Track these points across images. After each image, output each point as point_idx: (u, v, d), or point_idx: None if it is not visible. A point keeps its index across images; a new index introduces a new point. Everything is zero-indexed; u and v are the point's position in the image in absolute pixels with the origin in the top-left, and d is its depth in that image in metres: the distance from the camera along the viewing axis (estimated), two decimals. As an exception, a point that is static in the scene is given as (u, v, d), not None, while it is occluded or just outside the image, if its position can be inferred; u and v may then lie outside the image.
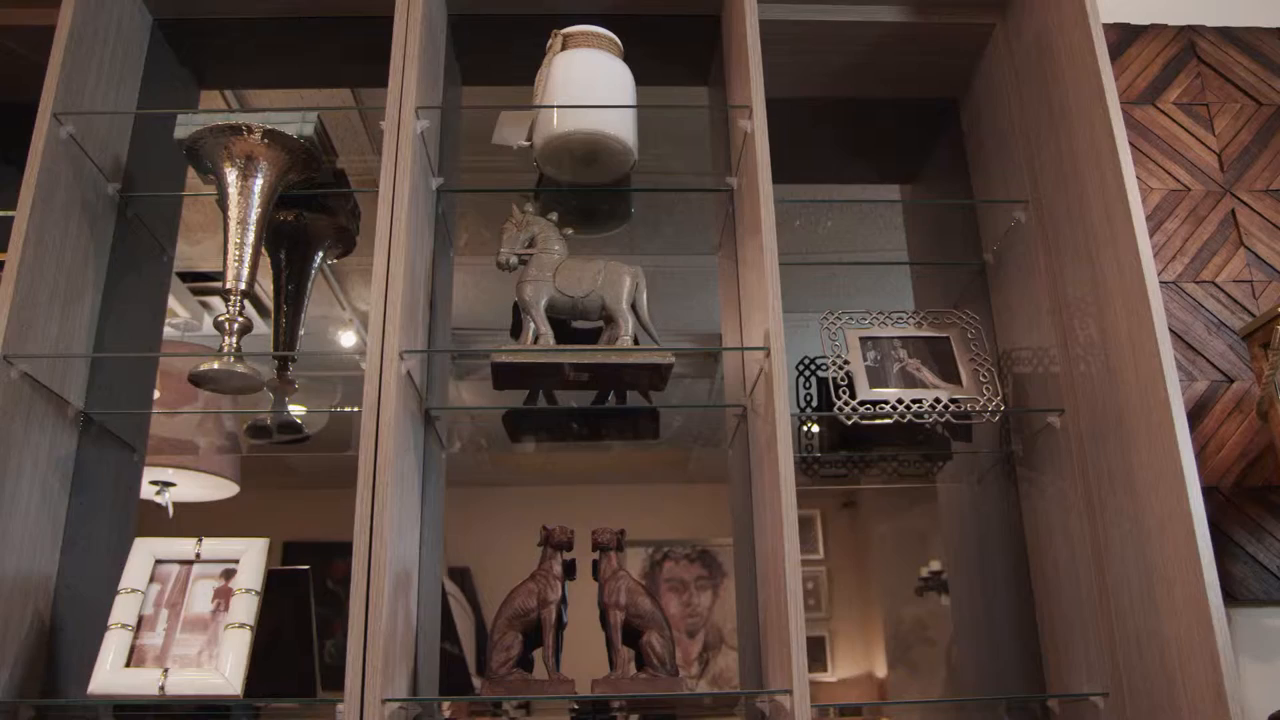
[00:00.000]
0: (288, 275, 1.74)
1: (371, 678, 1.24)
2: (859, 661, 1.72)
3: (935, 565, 1.81)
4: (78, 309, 1.60)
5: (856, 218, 2.02)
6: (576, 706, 1.46)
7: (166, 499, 1.70)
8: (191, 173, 1.87)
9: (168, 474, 1.73)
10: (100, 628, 1.54)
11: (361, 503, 1.31)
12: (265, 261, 1.71)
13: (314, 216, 1.74)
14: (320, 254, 1.76)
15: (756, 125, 1.52)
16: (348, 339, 1.91)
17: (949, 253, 1.96)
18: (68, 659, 1.52)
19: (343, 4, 1.87)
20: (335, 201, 1.78)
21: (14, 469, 1.43)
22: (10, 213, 1.91)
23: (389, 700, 1.25)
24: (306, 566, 1.60)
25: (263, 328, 1.77)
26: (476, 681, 1.54)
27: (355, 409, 1.63)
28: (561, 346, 1.51)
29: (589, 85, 1.61)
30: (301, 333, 1.74)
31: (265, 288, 1.81)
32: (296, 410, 1.71)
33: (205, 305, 1.89)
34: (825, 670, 1.71)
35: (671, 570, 1.68)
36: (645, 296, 1.56)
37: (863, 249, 2.01)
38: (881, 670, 1.72)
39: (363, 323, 1.88)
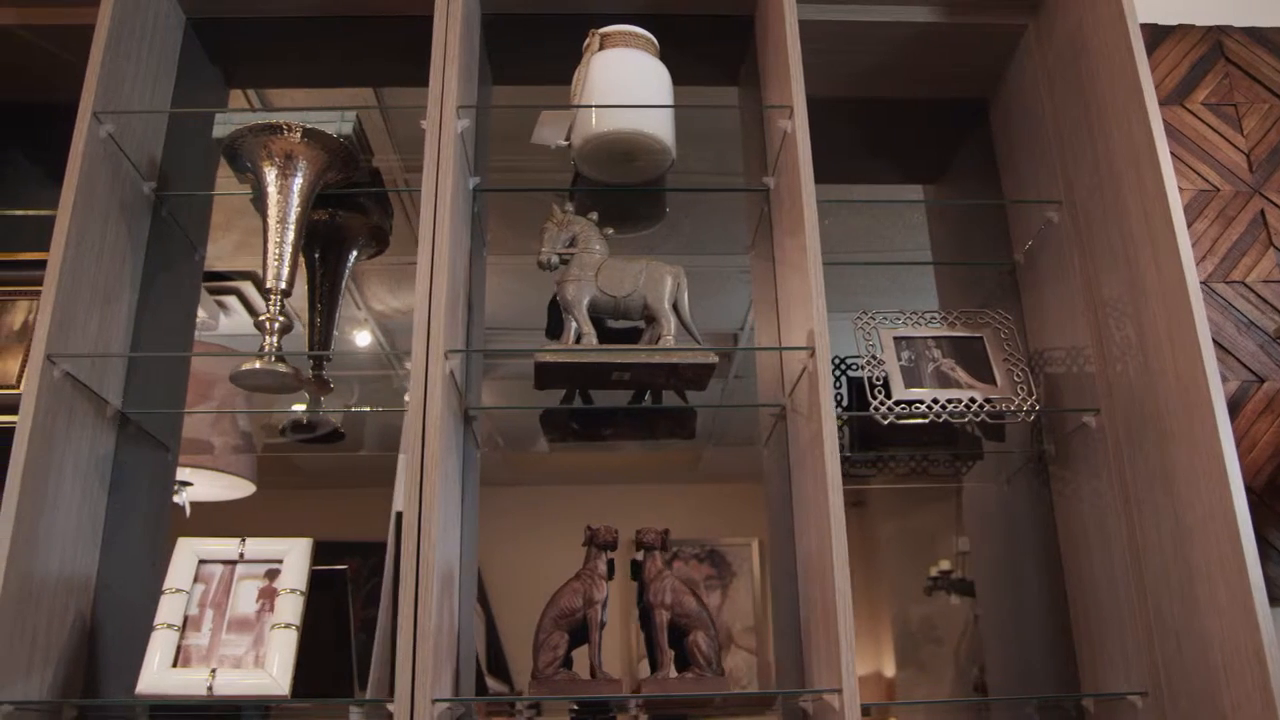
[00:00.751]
0: (322, 275, 1.73)
1: (421, 678, 1.24)
2: (868, 660, 1.73)
3: (945, 565, 1.81)
4: (115, 308, 1.60)
5: (876, 217, 2.02)
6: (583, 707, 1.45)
7: (184, 499, 1.70)
8: (220, 171, 1.87)
9: (184, 473, 1.73)
10: (137, 627, 1.55)
11: (410, 503, 1.31)
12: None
13: (348, 216, 1.74)
14: (354, 253, 1.76)
15: (798, 125, 1.52)
16: (363, 339, 1.91)
17: (975, 253, 1.96)
18: (105, 658, 1.52)
19: (374, 3, 1.86)
20: (368, 201, 1.78)
21: (56, 468, 1.42)
22: (44, 211, 1.92)
23: (439, 700, 1.25)
24: (344, 566, 1.59)
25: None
26: (490, 681, 1.54)
27: (399, 409, 1.64)
28: (606, 346, 1.51)
29: (628, 85, 1.61)
30: (335, 333, 1.74)
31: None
32: (332, 410, 1.71)
33: (221, 305, 1.89)
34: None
35: (681, 570, 1.68)
36: (686, 296, 1.56)
37: (884, 249, 2.01)
38: (890, 669, 1.72)
39: (378, 323, 1.88)
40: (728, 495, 1.72)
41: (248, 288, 1.87)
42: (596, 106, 1.58)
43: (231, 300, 1.86)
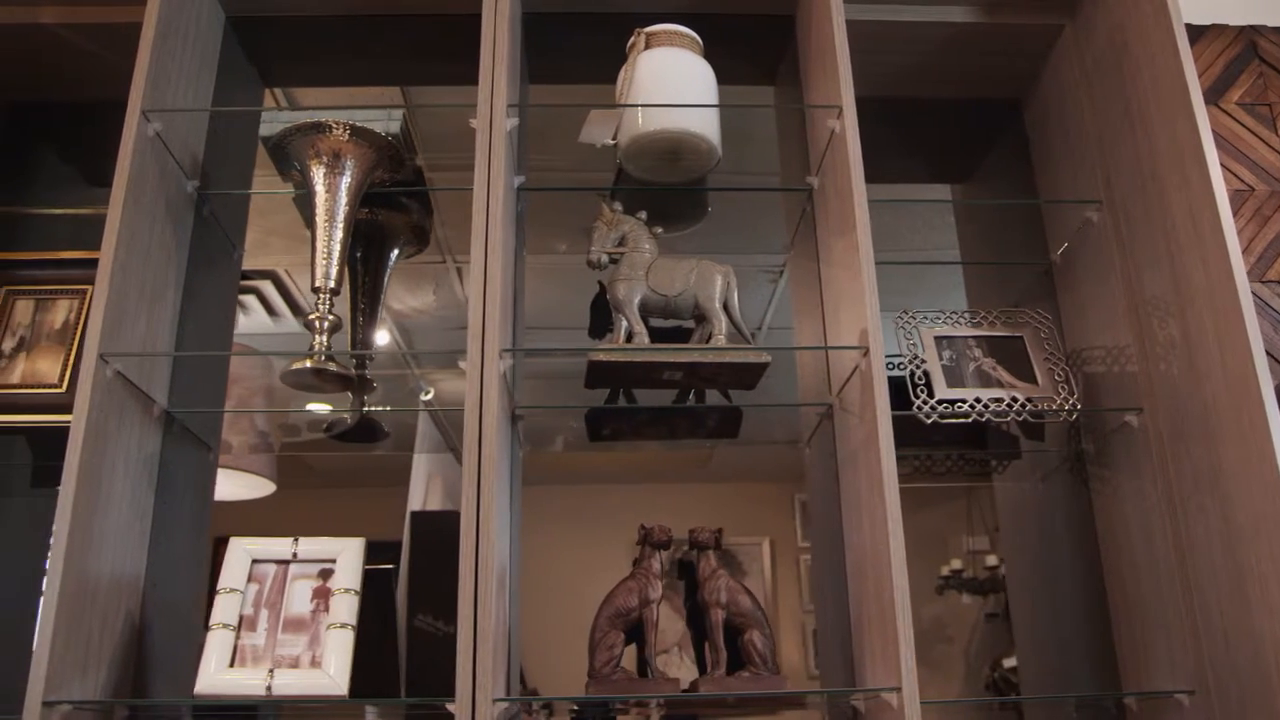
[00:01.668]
0: (364, 273, 1.73)
1: (482, 678, 1.24)
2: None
3: (957, 564, 1.82)
4: (161, 307, 1.59)
5: (898, 215, 2.02)
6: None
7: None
8: (255, 170, 1.87)
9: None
10: (182, 627, 1.55)
11: (468, 503, 1.31)
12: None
13: (389, 214, 1.74)
14: (395, 252, 1.76)
15: (847, 125, 1.52)
16: (381, 338, 1.91)
17: (1006, 252, 1.97)
18: (152, 658, 1.52)
19: (415, 2, 1.86)
20: (408, 199, 1.78)
21: (108, 468, 1.42)
22: (82, 210, 1.92)
23: (499, 700, 1.25)
24: (391, 565, 1.59)
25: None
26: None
27: (415, 409, 1.63)
28: (659, 345, 1.51)
29: (675, 84, 1.61)
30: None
31: (296, 287, 1.83)
32: (378, 410, 1.71)
33: (240, 305, 1.88)
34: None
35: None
36: (737, 295, 1.56)
37: (909, 248, 2.02)
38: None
39: (395, 323, 1.88)
40: (740, 493, 1.72)
41: (266, 287, 1.86)
42: (648, 106, 1.58)
43: (250, 299, 1.86)
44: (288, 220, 1.86)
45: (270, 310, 1.86)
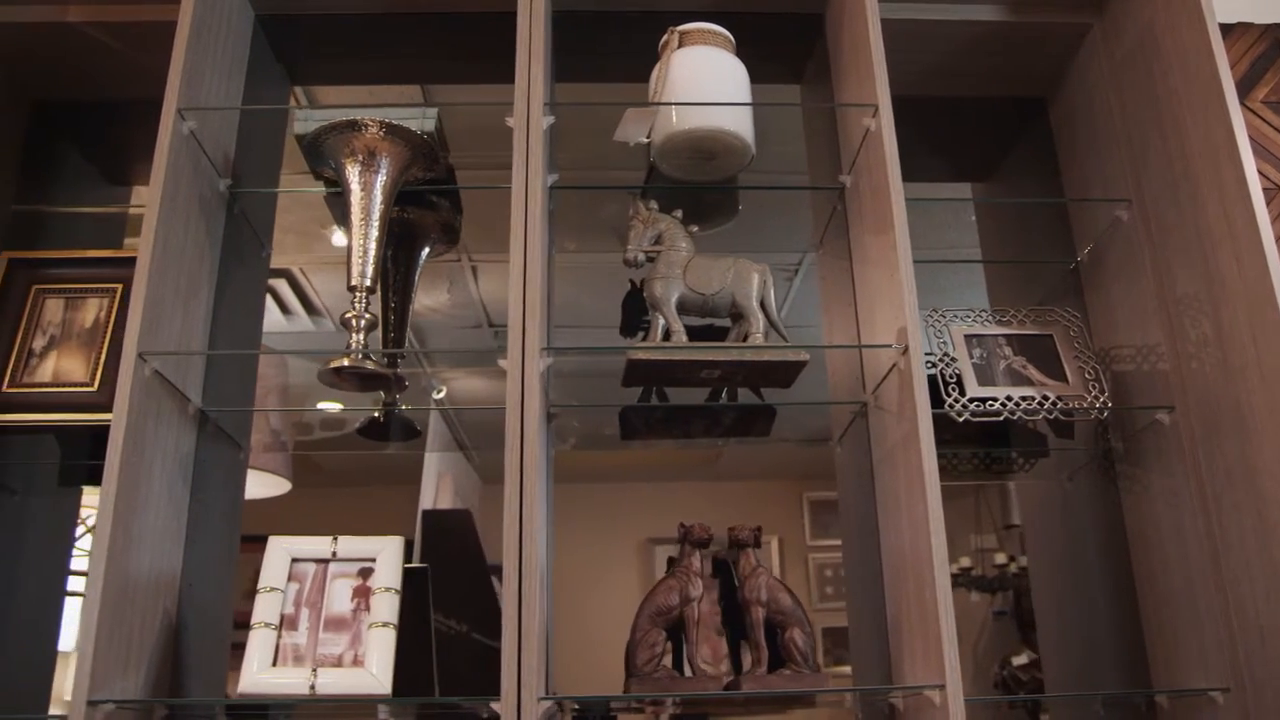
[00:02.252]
0: (394, 272, 1.73)
1: (528, 676, 1.24)
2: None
3: (966, 562, 1.82)
4: (195, 305, 1.59)
5: (918, 214, 2.02)
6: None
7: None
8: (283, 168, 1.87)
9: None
10: (216, 626, 1.55)
11: (510, 501, 1.31)
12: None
13: (420, 213, 1.74)
14: (426, 250, 1.76)
15: (884, 124, 1.53)
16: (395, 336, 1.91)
17: (1030, 251, 1.97)
18: (187, 657, 1.52)
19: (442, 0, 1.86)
20: (438, 197, 1.77)
21: (146, 467, 1.42)
22: (111, 209, 1.92)
23: (544, 699, 1.25)
24: (426, 565, 1.59)
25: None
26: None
27: (425, 407, 1.63)
28: (697, 344, 1.51)
29: (709, 82, 1.61)
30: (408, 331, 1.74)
31: (311, 286, 1.82)
32: (416, 408, 1.71)
33: None
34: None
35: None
36: (773, 294, 1.56)
37: (928, 246, 2.01)
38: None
39: (410, 321, 1.88)
40: (743, 492, 1.72)
41: (280, 285, 1.86)
42: (685, 104, 1.58)
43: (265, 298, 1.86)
44: (303, 219, 1.86)
45: (285, 309, 1.86)
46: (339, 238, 1.89)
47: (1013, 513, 1.89)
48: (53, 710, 1.59)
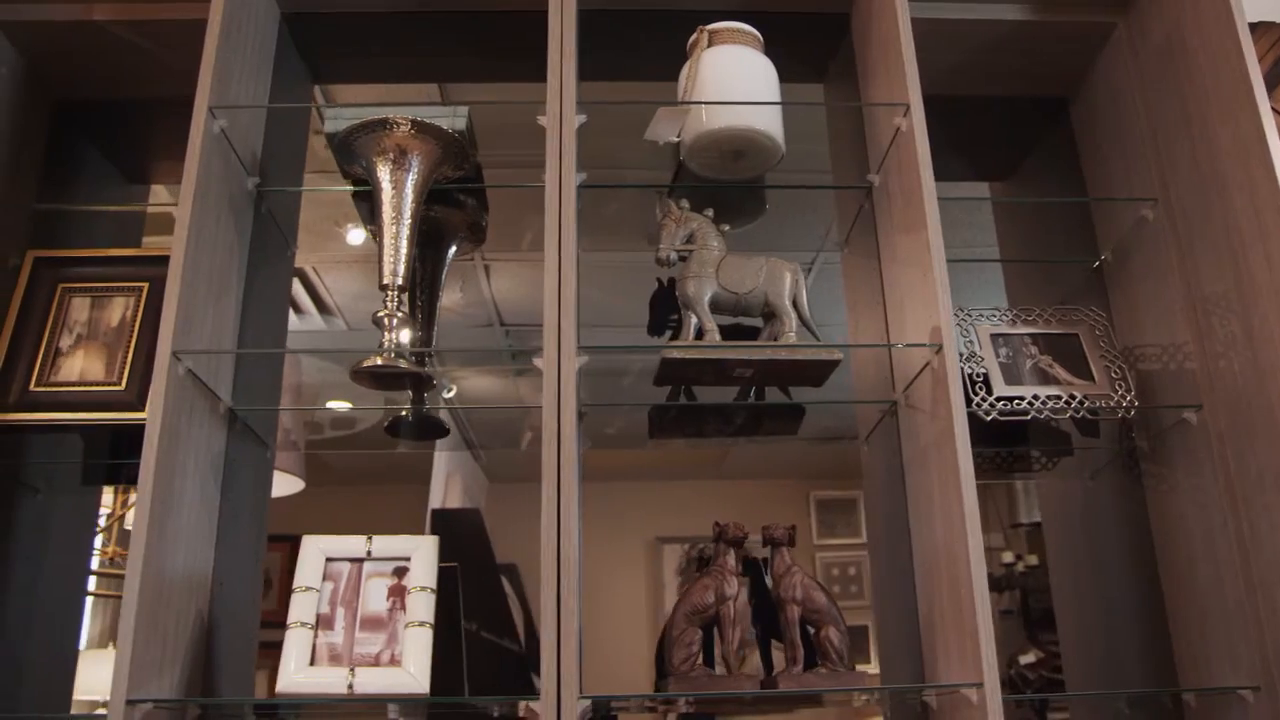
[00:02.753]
0: (421, 270, 1.73)
1: (567, 676, 1.24)
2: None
3: None
4: (225, 304, 1.59)
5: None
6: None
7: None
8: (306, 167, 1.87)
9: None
10: (244, 625, 1.55)
11: (548, 501, 1.31)
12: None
13: (448, 211, 1.73)
14: (453, 248, 1.76)
15: (915, 123, 1.53)
16: (404, 335, 1.91)
17: (1051, 250, 1.97)
18: (219, 656, 1.51)
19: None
20: (465, 195, 1.77)
21: (180, 467, 1.42)
22: (130, 208, 1.92)
23: (584, 697, 1.25)
24: (455, 564, 1.59)
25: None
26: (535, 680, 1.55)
27: (437, 406, 1.63)
28: (731, 343, 1.51)
29: (740, 81, 1.61)
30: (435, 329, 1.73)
31: (323, 284, 1.83)
32: (438, 407, 1.70)
33: None
34: (869, 661, 1.71)
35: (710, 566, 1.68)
36: (805, 293, 1.57)
37: (945, 245, 2.01)
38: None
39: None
40: (750, 491, 1.73)
41: (293, 284, 1.86)
42: (721, 103, 1.58)
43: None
44: (315, 217, 1.86)
45: (297, 308, 1.86)
46: (354, 236, 1.89)
47: (1020, 511, 1.89)
48: (75, 709, 1.59)
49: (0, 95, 1.77)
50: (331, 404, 1.77)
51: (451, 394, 1.77)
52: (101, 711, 1.59)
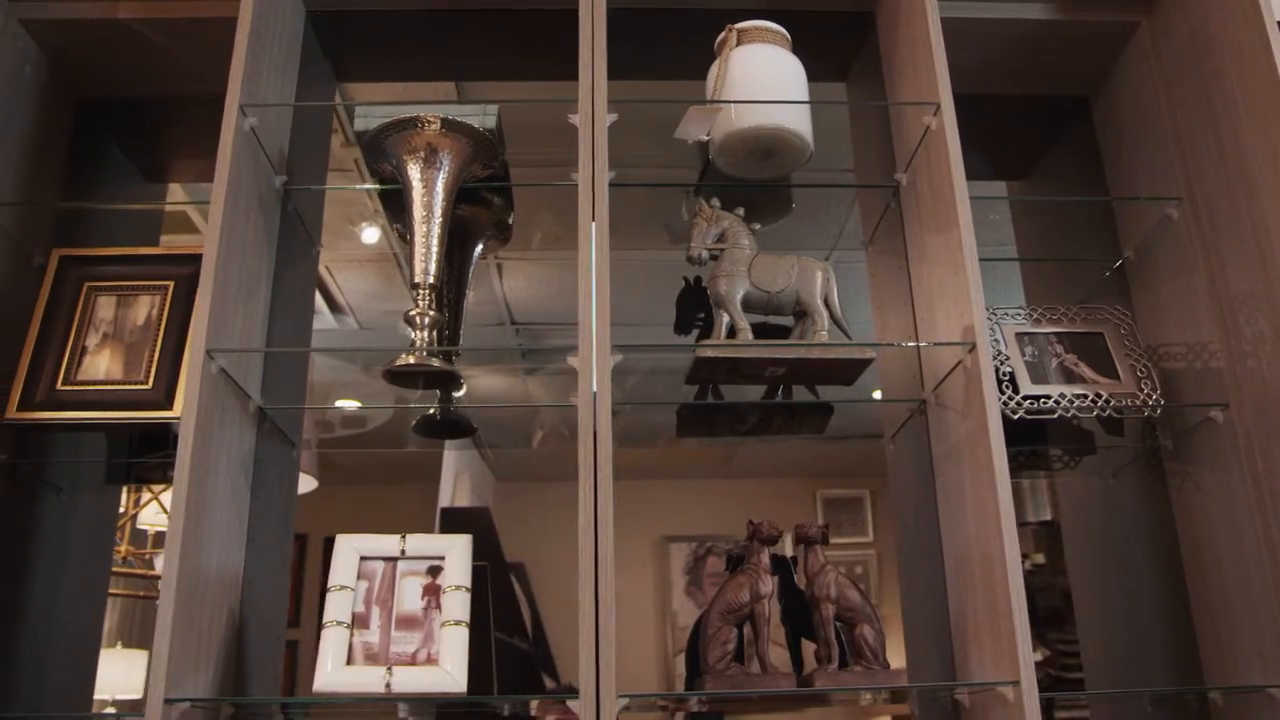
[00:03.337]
0: (448, 269, 1.72)
1: (606, 674, 1.24)
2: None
3: None
4: (254, 303, 1.59)
5: None
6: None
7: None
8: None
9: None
10: (273, 624, 1.54)
11: (586, 499, 1.31)
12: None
13: (474, 210, 1.73)
14: (480, 246, 1.76)
15: (946, 122, 1.53)
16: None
17: (1069, 249, 1.97)
18: (249, 654, 1.51)
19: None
20: (490, 194, 1.77)
21: (213, 465, 1.41)
22: (153, 206, 1.92)
23: (624, 696, 1.25)
24: (485, 563, 1.59)
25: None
26: (545, 680, 1.55)
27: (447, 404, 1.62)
28: (766, 341, 1.52)
29: (769, 80, 1.61)
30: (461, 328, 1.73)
31: (335, 284, 1.82)
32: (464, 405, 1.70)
33: None
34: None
35: (715, 565, 1.69)
36: (836, 291, 1.57)
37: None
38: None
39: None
40: (758, 490, 1.73)
41: None
42: (752, 102, 1.58)
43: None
44: (331, 216, 1.86)
45: (318, 307, 1.86)
46: (368, 235, 1.89)
47: (1027, 510, 1.89)
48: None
49: (25, 94, 1.77)
50: (346, 403, 1.77)
51: (461, 393, 1.77)
52: (111, 710, 1.60)
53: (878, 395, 1.75)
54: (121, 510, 1.83)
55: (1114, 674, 1.71)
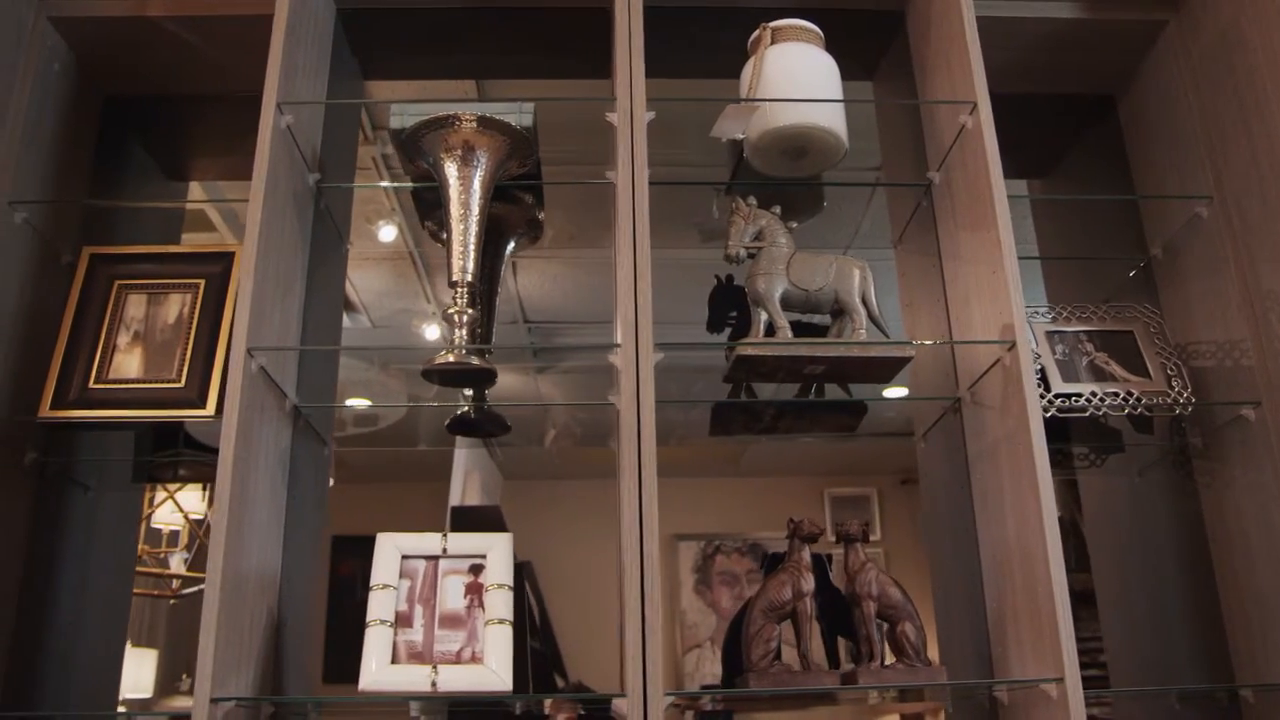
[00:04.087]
0: (480, 266, 1.72)
1: (653, 672, 1.24)
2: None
3: None
4: (290, 301, 1.58)
5: None
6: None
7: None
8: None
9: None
10: (309, 623, 1.54)
11: (629, 498, 1.31)
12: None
13: (505, 207, 1.73)
14: (511, 244, 1.75)
15: (983, 120, 1.53)
16: (431, 333, 1.91)
17: (1091, 248, 1.98)
18: (286, 653, 1.51)
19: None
20: (524, 193, 1.77)
21: (254, 464, 1.41)
22: (173, 204, 1.91)
23: (670, 694, 1.25)
24: (527, 559, 1.59)
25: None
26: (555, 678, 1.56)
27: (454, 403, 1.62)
28: (806, 339, 1.52)
29: (804, 78, 1.61)
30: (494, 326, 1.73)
31: (350, 283, 1.83)
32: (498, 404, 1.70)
33: None
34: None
35: (723, 564, 1.69)
36: (873, 289, 1.57)
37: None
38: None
39: (445, 318, 1.87)
40: (766, 489, 1.74)
41: None
42: (789, 100, 1.58)
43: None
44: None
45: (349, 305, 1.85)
46: (385, 233, 1.88)
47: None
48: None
49: (54, 91, 1.76)
50: (378, 403, 1.77)
51: (471, 391, 1.77)
52: (122, 710, 1.59)
53: (903, 392, 1.75)
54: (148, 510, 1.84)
55: (1138, 671, 1.71)
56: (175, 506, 1.94)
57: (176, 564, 1.92)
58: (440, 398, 1.71)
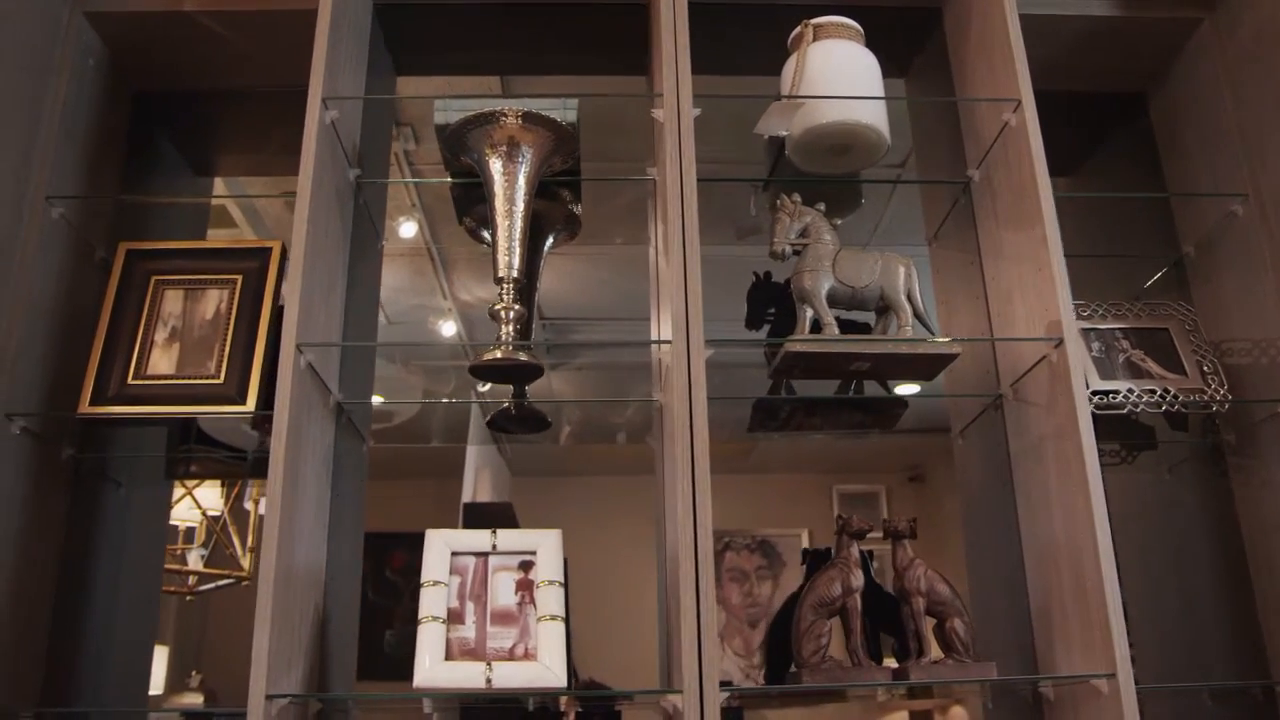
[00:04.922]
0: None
1: (709, 666, 1.24)
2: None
3: None
4: (334, 297, 1.58)
5: None
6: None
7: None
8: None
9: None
10: (350, 620, 1.54)
11: (683, 493, 1.31)
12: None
13: (546, 204, 1.72)
14: (550, 240, 1.75)
15: (1028, 118, 1.53)
16: (448, 329, 1.91)
17: (1121, 245, 1.98)
18: (331, 649, 1.51)
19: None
20: (561, 188, 1.77)
21: (302, 460, 1.41)
22: (200, 199, 1.90)
23: (725, 687, 1.25)
24: (564, 558, 1.59)
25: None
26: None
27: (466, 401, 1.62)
28: (854, 336, 1.52)
29: (846, 76, 1.61)
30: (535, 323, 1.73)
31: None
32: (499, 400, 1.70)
33: None
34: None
35: (732, 560, 1.69)
36: (918, 286, 1.57)
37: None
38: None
39: (461, 314, 1.88)
40: (774, 485, 1.74)
41: None
42: (832, 97, 1.58)
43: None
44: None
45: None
46: (405, 229, 1.88)
47: None
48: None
49: (89, 87, 1.75)
50: (421, 400, 1.76)
51: (486, 388, 1.76)
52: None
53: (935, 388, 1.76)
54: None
55: (1168, 668, 1.72)
56: (193, 503, 1.93)
57: (194, 560, 1.92)
58: (457, 394, 1.72)
